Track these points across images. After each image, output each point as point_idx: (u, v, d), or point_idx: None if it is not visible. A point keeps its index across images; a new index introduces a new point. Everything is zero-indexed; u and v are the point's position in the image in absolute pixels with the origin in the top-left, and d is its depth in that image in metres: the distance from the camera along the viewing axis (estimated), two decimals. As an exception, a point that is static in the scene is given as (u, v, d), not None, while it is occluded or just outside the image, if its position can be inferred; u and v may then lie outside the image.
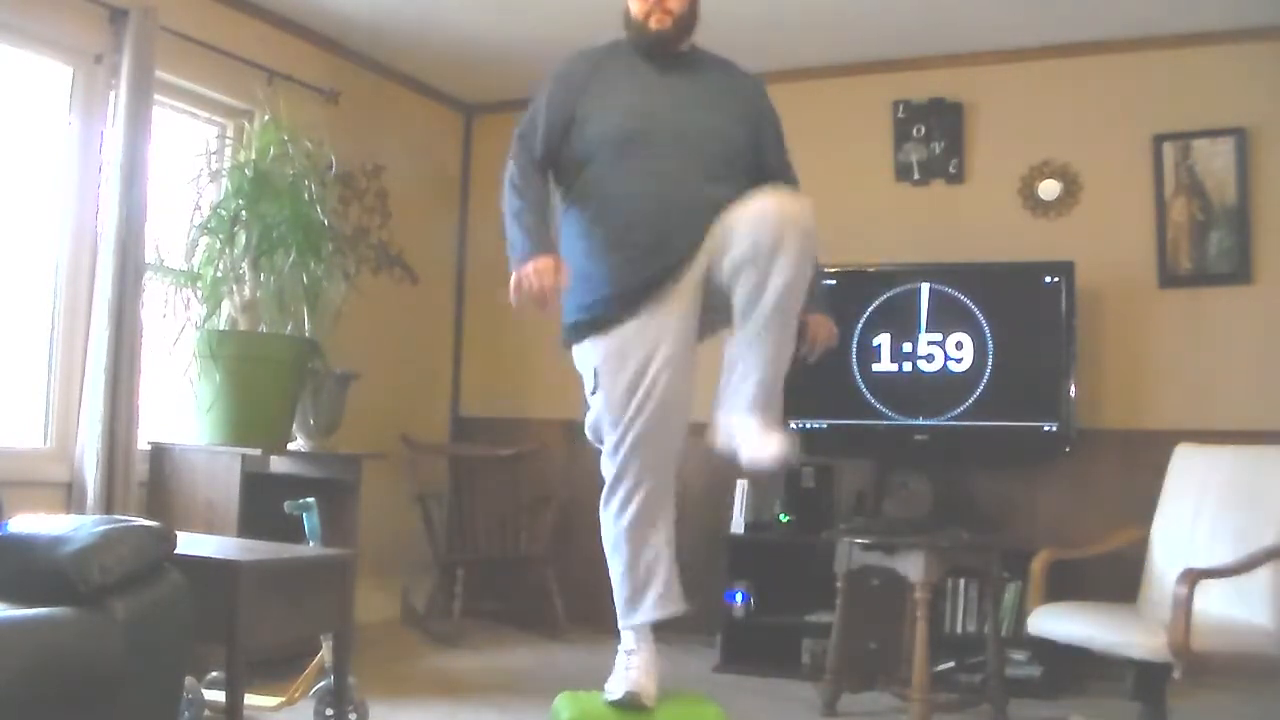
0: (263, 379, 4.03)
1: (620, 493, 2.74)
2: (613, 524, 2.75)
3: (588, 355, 2.81)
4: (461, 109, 5.86)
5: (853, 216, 5.02)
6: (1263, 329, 4.39)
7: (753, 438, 2.62)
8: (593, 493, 2.88)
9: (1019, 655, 4.21)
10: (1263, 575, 3.28)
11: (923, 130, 4.95)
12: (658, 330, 2.71)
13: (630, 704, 2.65)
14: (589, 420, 2.85)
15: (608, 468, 2.76)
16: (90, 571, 2.29)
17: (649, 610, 2.72)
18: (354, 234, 4.89)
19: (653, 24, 2.84)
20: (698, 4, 2.90)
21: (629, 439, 2.70)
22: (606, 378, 2.75)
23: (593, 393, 2.81)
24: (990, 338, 4.52)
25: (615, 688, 2.69)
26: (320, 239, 4.17)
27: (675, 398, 2.71)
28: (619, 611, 2.78)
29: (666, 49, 2.88)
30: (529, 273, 2.68)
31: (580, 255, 2.82)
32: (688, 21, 2.88)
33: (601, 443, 2.80)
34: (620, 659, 2.76)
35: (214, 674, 3.05)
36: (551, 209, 2.89)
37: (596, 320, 2.78)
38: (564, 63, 2.94)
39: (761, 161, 2.95)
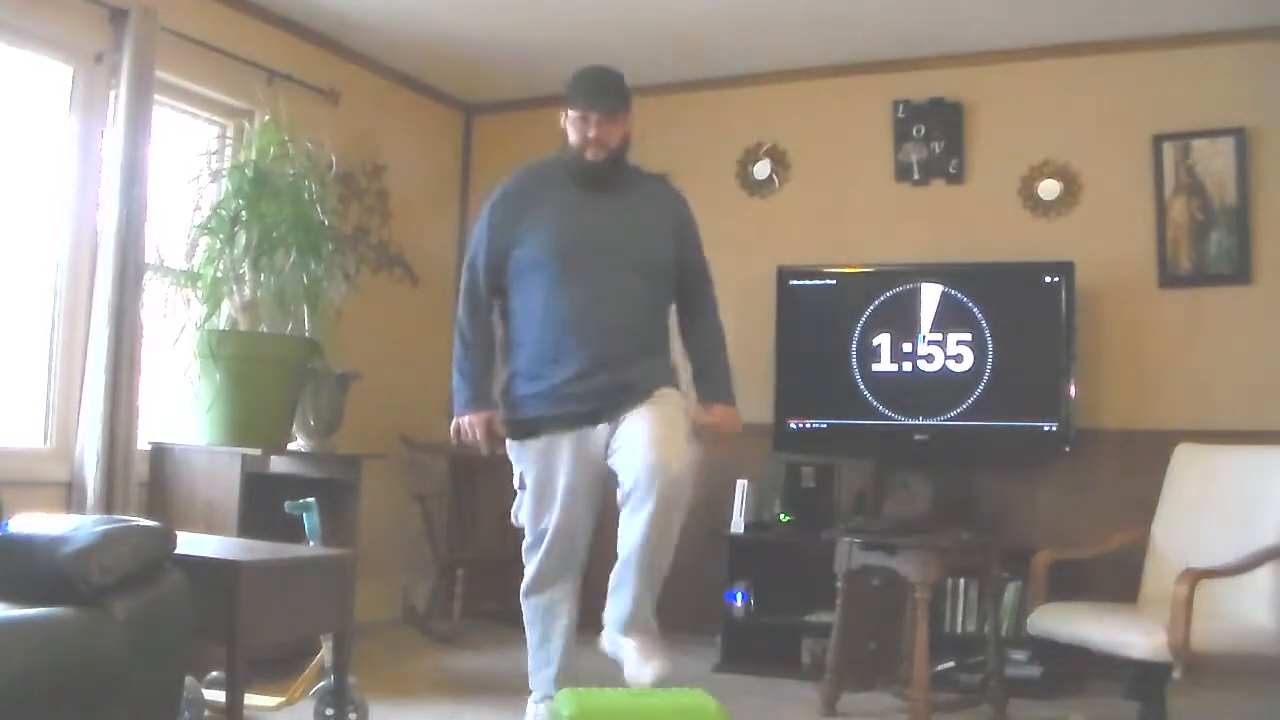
0: (263, 379, 4.03)
1: (530, 589, 3.16)
2: (526, 610, 3.18)
3: (517, 455, 3.15)
4: (461, 109, 5.86)
5: (853, 216, 5.04)
6: (1262, 329, 4.39)
7: (631, 660, 2.90)
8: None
9: (1019, 655, 4.21)
10: (1263, 575, 3.28)
11: (923, 130, 4.95)
12: (568, 460, 3.03)
13: None
14: (514, 509, 3.19)
15: (526, 560, 3.15)
16: (90, 571, 2.30)
17: (546, 685, 3.13)
18: (354, 234, 4.89)
19: (589, 155, 3.09)
20: (629, 137, 3.16)
21: (541, 544, 3.09)
22: (528, 485, 3.11)
23: (520, 488, 3.15)
24: (990, 338, 4.52)
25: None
26: (320, 239, 4.17)
27: (578, 522, 3.07)
28: (529, 674, 3.20)
29: (598, 178, 3.13)
30: (465, 425, 3.14)
31: (516, 367, 3.14)
32: (620, 153, 3.14)
33: (522, 530, 3.16)
34: (530, 708, 3.18)
35: (214, 674, 3.05)
36: (496, 343, 3.23)
37: (521, 430, 3.11)
38: (501, 187, 3.23)
39: (683, 264, 3.23)
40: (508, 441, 3.16)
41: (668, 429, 2.95)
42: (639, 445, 2.91)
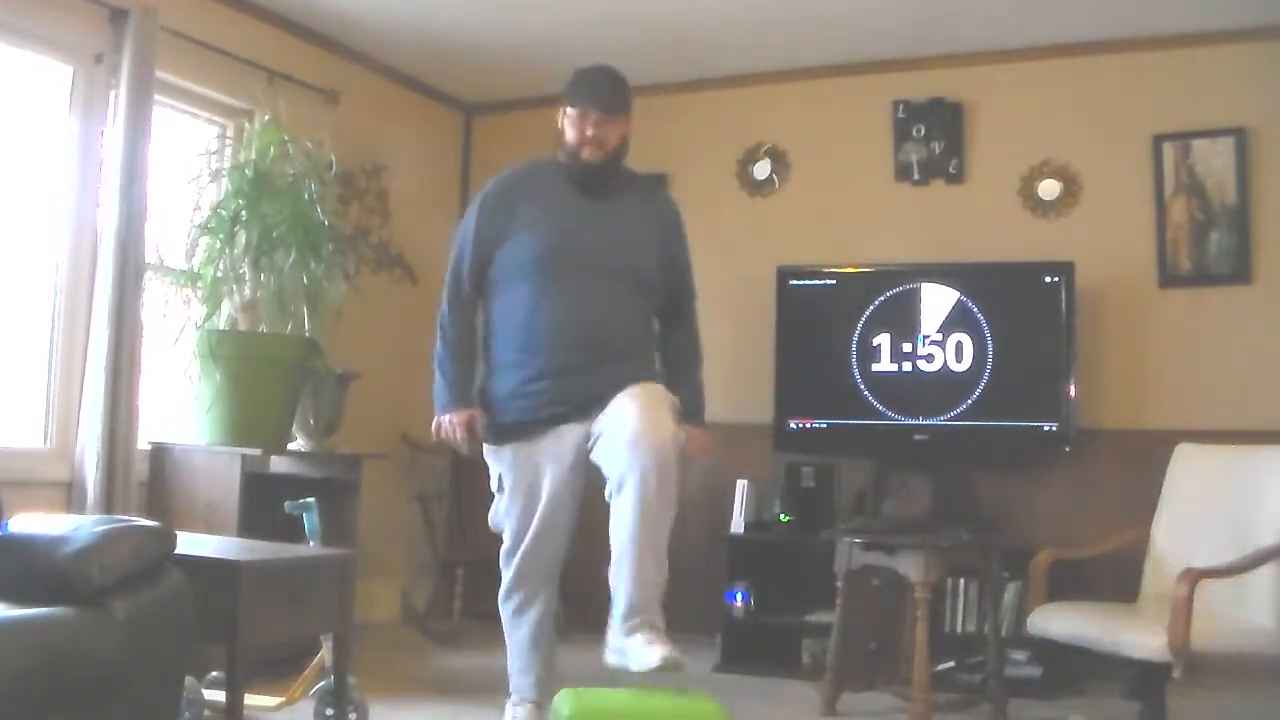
0: (263, 379, 4.03)
1: (511, 592, 3.05)
2: (506, 615, 3.08)
3: (495, 458, 3.09)
4: (461, 109, 5.86)
5: (853, 216, 5.04)
6: (1262, 329, 4.39)
7: (635, 652, 2.76)
8: (593, 492, 2.97)
9: (1019, 655, 4.22)
10: (1263, 575, 3.28)
11: (923, 130, 4.95)
12: (549, 460, 2.96)
13: None
14: (491, 513, 3.13)
15: (504, 565, 3.06)
16: (90, 571, 2.29)
17: (527, 690, 3.06)
18: (354, 234, 4.89)
19: (585, 155, 3.01)
20: (627, 141, 3.08)
21: (519, 549, 3.01)
22: (506, 488, 3.05)
23: (498, 490, 3.09)
24: (990, 338, 4.52)
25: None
26: (320, 239, 4.17)
27: (560, 523, 2.99)
28: (509, 675, 3.10)
29: (594, 179, 3.05)
30: (446, 424, 3.05)
31: (497, 369, 3.07)
32: (618, 155, 3.06)
33: (501, 534, 3.08)
34: (508, 710, 3.07)
35: (214, 674, 3.05)
36: (478, 342, 3.15)
37: (499, 434, 3.04)
38: (491, 185, 3.15)
39: (668, 276, 3.15)
40: (484, 445, 3.10)
41: (651, 405, 2.85)
42: (623, 421, 2.81)
